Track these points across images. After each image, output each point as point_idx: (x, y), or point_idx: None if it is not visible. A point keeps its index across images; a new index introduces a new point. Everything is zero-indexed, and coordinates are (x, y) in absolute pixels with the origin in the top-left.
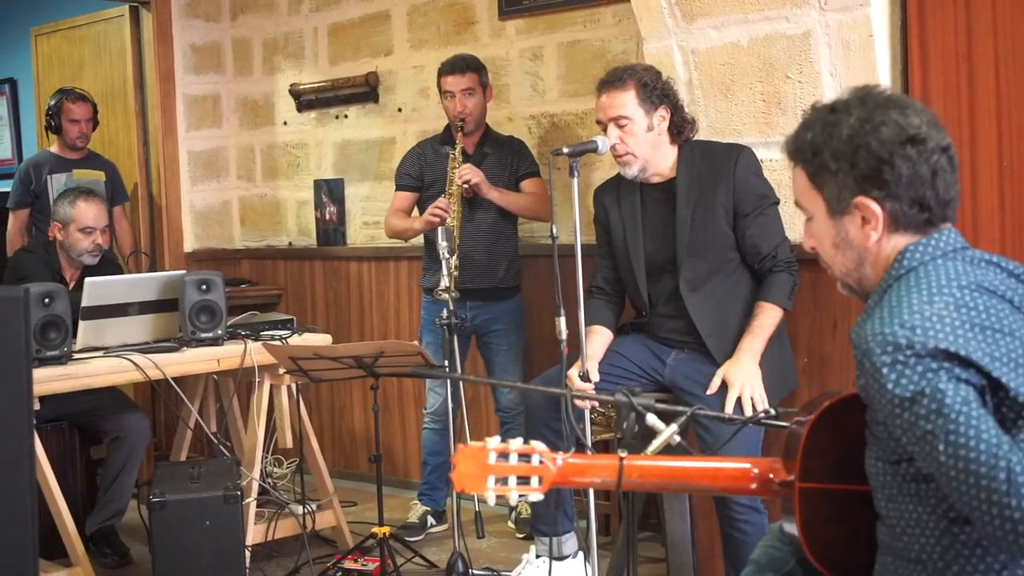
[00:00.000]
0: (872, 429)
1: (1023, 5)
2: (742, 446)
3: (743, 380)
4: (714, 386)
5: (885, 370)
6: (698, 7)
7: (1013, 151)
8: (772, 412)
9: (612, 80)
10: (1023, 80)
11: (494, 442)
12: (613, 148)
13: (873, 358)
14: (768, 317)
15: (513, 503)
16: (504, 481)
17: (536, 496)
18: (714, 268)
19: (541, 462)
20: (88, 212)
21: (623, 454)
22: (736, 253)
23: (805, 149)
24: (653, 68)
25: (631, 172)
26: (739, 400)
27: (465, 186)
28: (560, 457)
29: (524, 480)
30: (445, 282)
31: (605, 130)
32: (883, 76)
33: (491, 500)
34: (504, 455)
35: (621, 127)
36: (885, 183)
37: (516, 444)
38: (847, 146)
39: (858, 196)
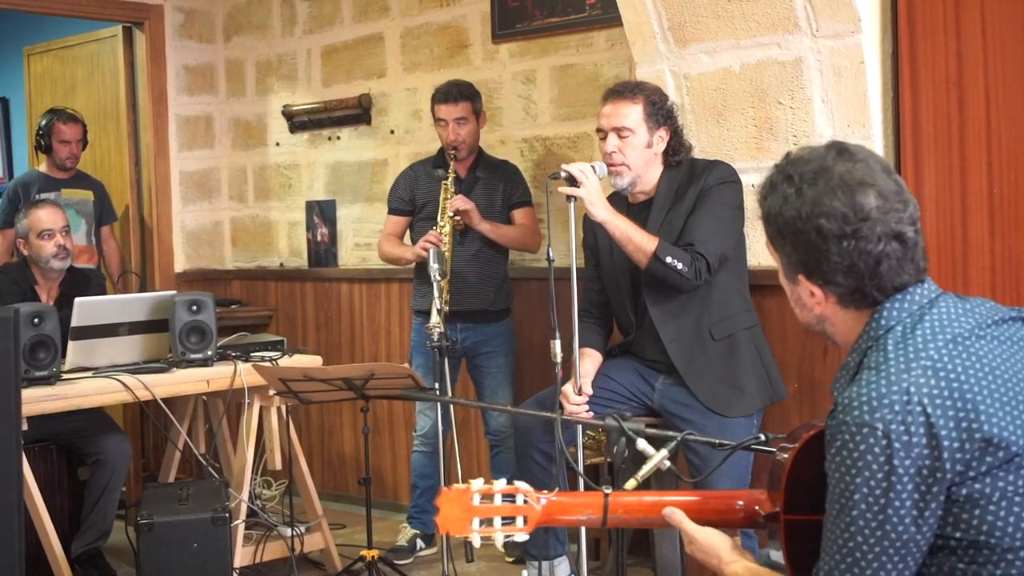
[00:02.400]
0: None
1: (1013, 33)
2: (732, 470)
3: (594, 188)
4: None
5: (847, 437)
6: (690, 32)
7: (1003, 178)
8: (762, 438)
9: (622, 91)
10: (1013, 107)
11: (478, 484)
12: (609, 156)
13: (845, 430)
14: (646, 235)
15: (499, 545)
16: (489, 522)
17: (522, 536)
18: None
19: (525, 502)
20: (42, 215)
21: (607, 491)
22: None
23: (763, 210)
24: (660, 89)
25: (622, 183)
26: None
27: (456, 218)
28: (544, 496)
29: (509, 520)
30: (437, 305)
31: (605, 138)
32: (874, 102)
33: (476, 542)
34: (488, 496)
35: (623, 138)
36: (823, 273)
37: (500, 485)
38: (790, 227)
39: (800, 275)
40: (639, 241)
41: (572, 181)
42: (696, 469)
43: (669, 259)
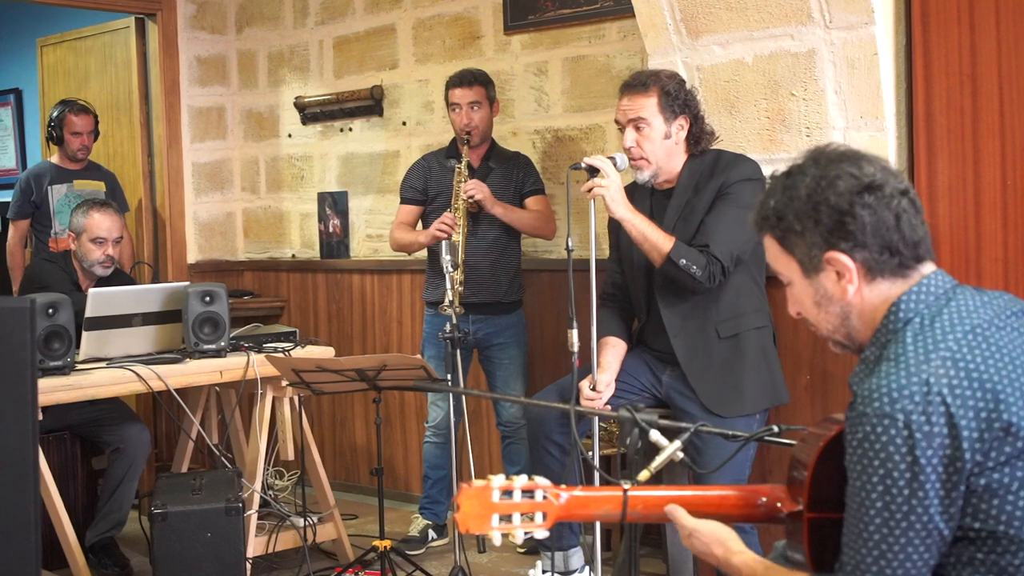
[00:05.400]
0: None
1: None
2: (730, 465)
3: (614, 185)
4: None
5: (868, 428)
6: (703, 24)
7: (1017, 169)
8: (775, 429)
9: (636, 84)
10: None
11: (498, 480)
12: (628, 151)
13: (866, 421)
14: (663, 235)
15: (519, 541)
16: (508, 519)
17: (541, 533)
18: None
19: (545, 498)
20: (101, 223)
21: (626, 486)
22: None
23: (770, 216)
24: (678, 76)
25: (643, 177)
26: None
27: (471, 201)
28: (564, 492)
29: (528, 517)
30: (449, 297)
31: (623, 131)
32: (887, 94)
33: (496, 540)
34: (508, 492)
35: (639, 130)
36: (851, 234)
37: (520, 481)
38: (807, 205)
39: (828, 251)
40: (655, 241)
41: (593, 172)
42: (693, 461)
43: (683, 261)
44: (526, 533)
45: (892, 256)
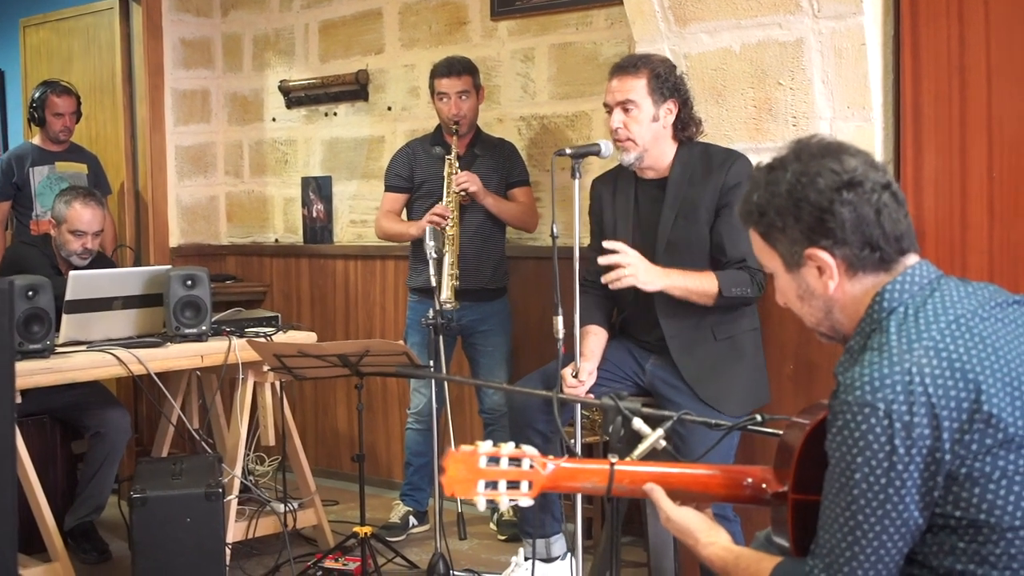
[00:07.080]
0: None
1: (1016, 18)
2: (714, 455)
3: (637, 261)
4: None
5: (849, 417)
6: (691, 11)
7: (1003, 162)
8: (758, 419)
9: (626, 66)
10: (1015, 91)
11: (485, 446)
12: (615, 132)
13: (847, 409)
14: (703, 278)
15: (503, 508)
16: (494, 485)
17: (526, 501)
18: (691, 270)
19: (531, 467)
20: (82, 215)
21: (614, 459)
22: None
23: (753, 211)
24: (668, 61)
25: (628, 158)
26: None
27: (463, 193)
28: (551, 462)
29: (514, 485)
30: (446, 293)
31: (611, 113)
32: (875, 85)
33: (481, 505)
34: (495, 459)
35: (627, 111)
36: (831, 231)
37: (507, 448)
38: (788, 201)
39: (808, 248)
40: (701, 289)
41: (578, 159)
42: (677, 450)
43: (735, 291)
44: (511, 500)
45: (873, 251)
